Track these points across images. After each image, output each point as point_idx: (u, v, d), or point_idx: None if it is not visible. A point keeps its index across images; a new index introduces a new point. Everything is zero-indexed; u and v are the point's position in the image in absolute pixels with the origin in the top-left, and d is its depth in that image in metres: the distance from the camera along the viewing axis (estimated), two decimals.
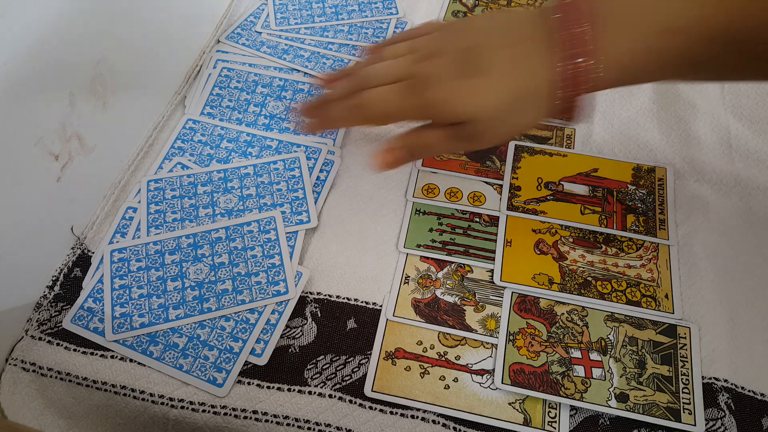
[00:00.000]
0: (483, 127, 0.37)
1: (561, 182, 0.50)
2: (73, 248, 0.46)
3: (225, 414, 0.40)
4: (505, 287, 0.45)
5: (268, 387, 0.41)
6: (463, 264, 0.46)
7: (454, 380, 0.41)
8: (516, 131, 0.39)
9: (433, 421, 0.39)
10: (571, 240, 0.47)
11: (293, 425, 0.39)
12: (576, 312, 0.43)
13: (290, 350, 0.42)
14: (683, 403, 0.40)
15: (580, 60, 0.35)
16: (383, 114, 0.39)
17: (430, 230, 0.47)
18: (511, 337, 0.42)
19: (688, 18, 0.34)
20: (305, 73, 0.57)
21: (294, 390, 0.41)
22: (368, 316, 0.44)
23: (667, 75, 0.38)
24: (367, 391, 0.40)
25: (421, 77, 0.37)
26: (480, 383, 0.41)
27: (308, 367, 0.41)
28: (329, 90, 0.43)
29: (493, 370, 0.41)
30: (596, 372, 0.41)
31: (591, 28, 0.34)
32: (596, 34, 0.34)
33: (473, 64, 0.36)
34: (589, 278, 0.45)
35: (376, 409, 0.40)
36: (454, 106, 0.36)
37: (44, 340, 0.42)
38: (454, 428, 0.39)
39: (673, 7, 0.34)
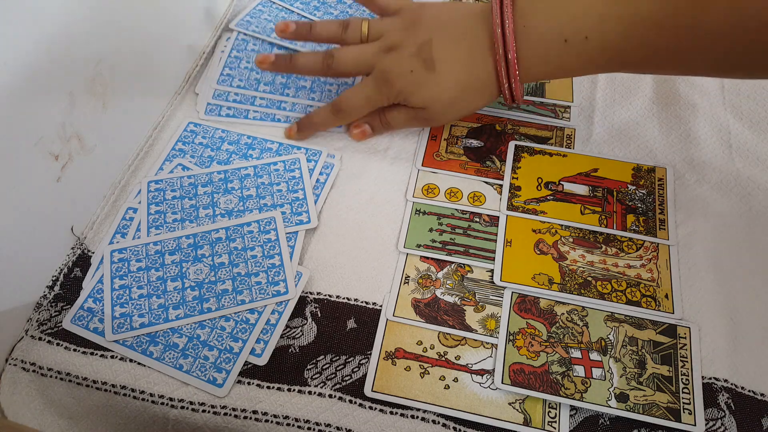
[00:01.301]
0: (438, 112, 0.46)
1: (561, 182, 0.50)
2: (73, 248, 0.46)
3: (225, 414, 0.40)
4: (505, 287, 0.45)
5: (268, 387, 0.41)
6: (463, 264, 0.46)
7: (454, 380, 0.41)
8: (469, 112, 0.48)
9: (433, 421, 0.39)
10: (571, 240, 0.47)
11: (293, 425, 0.39)
12: (576, 312, 0.43)
13: (290, 350, 0.42)
14: (683, 403, 0.39)
15: (509, 55, 0.41)
16: (356, 108, 0.48)
17: (430, 230, 0.47)
18: (511, 337, 0.42)
19: (586, 26, 0.40)
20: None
21: (294, 390, 0.41)
22: (368, 316, 0.44)
23: (581, 71, 0.45)
24: (367, 391, 0.40)
25: (383, 70, 0.45)
26: (480, 383, 0.41)
27: (308, 367, 0.41)
28: (283, 35, 0.50)
29: (493, 370, 0.41)
30: (596, 372, 0.41)
31: (517, 21, 0.41)
32: (519, 33, 0.41)
33: (428, 59, 0.43)
34: (589, 278, 0.45)
35: (376, 409, 0.40)
36: (412, 96, 0.44)
37: (44, 340, 0.42)
38: (454, 428, 0.39)
39: (574, 13, 0.41)
